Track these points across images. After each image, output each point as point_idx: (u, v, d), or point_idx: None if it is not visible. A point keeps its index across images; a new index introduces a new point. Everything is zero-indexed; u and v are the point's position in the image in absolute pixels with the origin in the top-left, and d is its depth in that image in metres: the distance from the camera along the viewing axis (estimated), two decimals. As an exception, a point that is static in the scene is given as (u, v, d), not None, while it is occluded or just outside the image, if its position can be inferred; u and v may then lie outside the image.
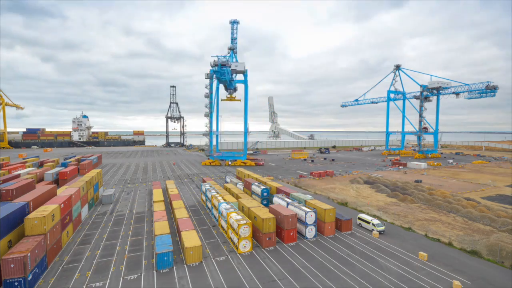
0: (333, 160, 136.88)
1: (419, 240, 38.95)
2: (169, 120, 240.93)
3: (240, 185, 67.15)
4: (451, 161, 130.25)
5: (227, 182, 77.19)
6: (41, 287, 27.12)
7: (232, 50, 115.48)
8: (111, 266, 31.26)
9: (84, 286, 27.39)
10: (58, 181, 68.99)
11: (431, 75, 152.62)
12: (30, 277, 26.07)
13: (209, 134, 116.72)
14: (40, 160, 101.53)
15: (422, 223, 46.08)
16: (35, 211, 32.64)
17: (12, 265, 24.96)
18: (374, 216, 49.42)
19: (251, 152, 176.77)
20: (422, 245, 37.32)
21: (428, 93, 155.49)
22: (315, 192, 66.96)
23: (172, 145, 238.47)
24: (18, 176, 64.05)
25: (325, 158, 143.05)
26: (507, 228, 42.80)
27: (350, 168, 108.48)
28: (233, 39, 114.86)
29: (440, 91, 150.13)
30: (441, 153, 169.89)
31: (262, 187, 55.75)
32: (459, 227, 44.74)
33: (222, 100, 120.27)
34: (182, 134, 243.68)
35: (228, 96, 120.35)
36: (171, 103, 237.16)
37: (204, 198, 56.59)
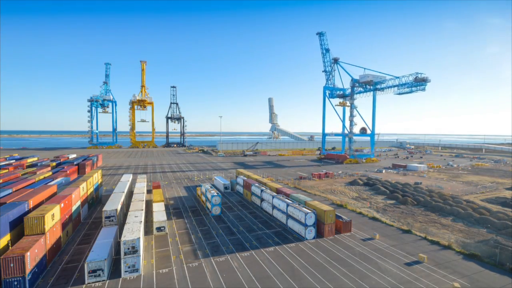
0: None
1: (419, 242, 38.99)
2: (169, 120, 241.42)
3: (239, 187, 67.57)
4: (451, 162, 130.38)
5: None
6: (41, 287, 27.12)
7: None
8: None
9: (84, 286, 27.40)
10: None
11: (364, 68, 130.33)
12: (29, 277, 26.07)
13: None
14: (40, 160, 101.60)
15: (421, 225, 46.13)
16: (35, 211, 32.59)
17: (11, 265, 24.97)
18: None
19: (251, 152, 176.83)
20: (421, 247, 37.37)
21: (361, 88, 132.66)
22: (314, 194, 66.96)
23: (172, 145, 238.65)
24: (18, 175, 64.09)
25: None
26: (507, 231, 42.84)
27: (350, 170, 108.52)
28: None
29: (376, 86, 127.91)
30: (378, 156, 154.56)
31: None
32: (459, 229, 44.79)
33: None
34: (182, 134, 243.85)
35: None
36: (171, 103, 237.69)
37: (204, 198, 56.60)
